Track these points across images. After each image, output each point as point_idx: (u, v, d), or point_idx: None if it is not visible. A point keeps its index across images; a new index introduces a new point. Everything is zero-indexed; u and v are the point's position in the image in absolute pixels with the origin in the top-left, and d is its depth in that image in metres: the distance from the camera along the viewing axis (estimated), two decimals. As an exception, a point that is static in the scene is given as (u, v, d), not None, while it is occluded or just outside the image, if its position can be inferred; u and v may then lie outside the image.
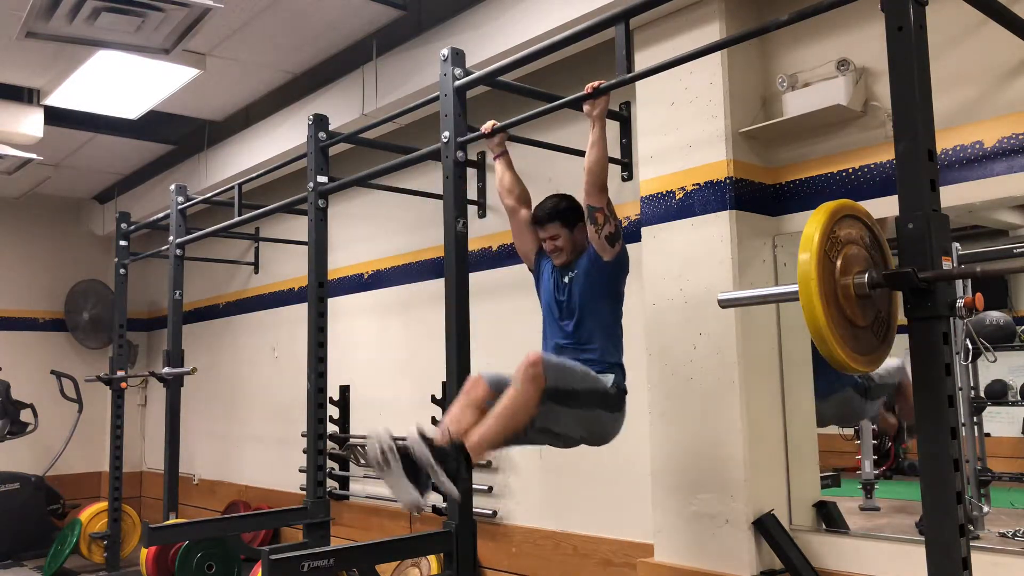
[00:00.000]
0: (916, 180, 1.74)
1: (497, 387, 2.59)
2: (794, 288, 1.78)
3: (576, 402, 2.64)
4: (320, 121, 3.98)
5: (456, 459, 2.41)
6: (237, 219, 4.64)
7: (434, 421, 4.41)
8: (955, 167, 2.71)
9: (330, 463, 5.13)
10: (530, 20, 3.58)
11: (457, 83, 3.10)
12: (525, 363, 2.51)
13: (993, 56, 2.65)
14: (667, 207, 3.29)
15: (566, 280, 2.95)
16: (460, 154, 3.09)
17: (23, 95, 5.14)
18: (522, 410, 2.50)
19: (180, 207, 5.18)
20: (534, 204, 3.10)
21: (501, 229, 4.24)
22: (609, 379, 2.79)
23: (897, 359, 3.58)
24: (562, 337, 2.94)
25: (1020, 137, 2.59)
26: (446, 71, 3.11)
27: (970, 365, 3.86)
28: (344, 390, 5.37)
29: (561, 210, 2.97)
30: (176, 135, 6.29)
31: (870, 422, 3.93)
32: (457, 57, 3.13)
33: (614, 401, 2.79)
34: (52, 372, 6.92)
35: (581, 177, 2.85)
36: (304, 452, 4.08)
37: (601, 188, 2.78)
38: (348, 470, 5.30)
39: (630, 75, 2.63)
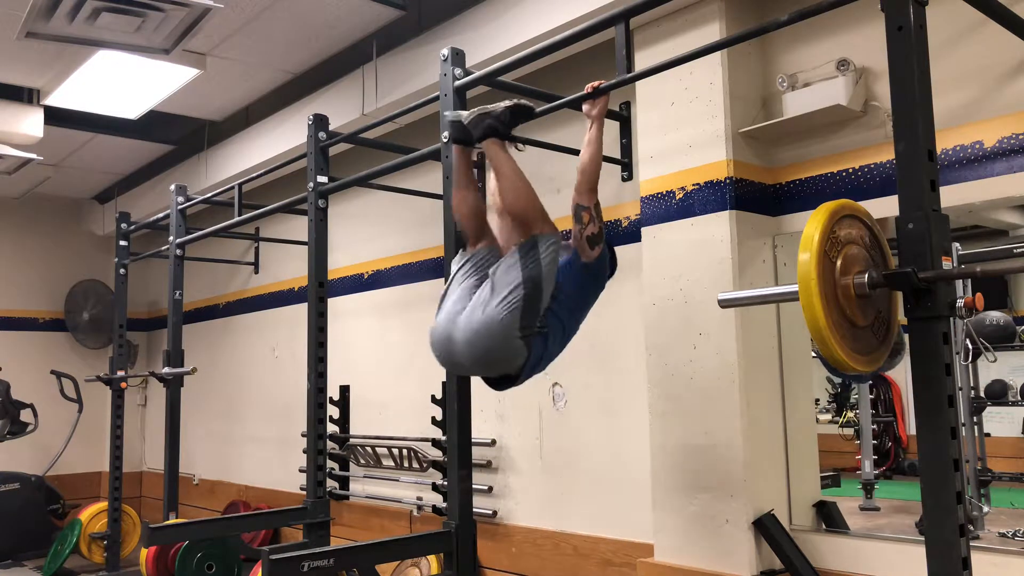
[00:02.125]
0: (916, 180, 1.74)
1: None
2: (794, 288, 1.78)
3: (527, 269, 2.50)
4: (320, 121, 3.98)
5: (501, 122, 2.67)
6: (237, 219, 4.64)
7: (434, 421, 4.42)
8: (955, 167, 2.71)
9: (330, 463, 5.13)
10: (530, 20, 3.58)
11: (457, 83, 3.10)
12: (553, 224, 2.63)
13: (993, 56, 2.65)
14: (667, 207, 3.29)
15: None
16: (460, 154, 3.09)
17: (23, 95, 5.14)
18: (521, 199, 2.63)
19: (180, 207, 5.18)
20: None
21: (501, 229, 4.24)
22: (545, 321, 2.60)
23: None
24: None
25: (1020, 137, 2.59)
26: (446, 71, 3.11)
27: (970, 365, 3.87)
28: (344, 390, 5.37)
29: None
30: (176, 135, 6.29)
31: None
32: (457, 57, 3.13)
33: (533, 327, 2.51)
34: (52, 372, 6.92)
35: (574, 176, 2.83)
36: (304, 452, 4.08)
37: (592, 188, 2.76)
38: (348, 470, 5.30)
39: (630, 75, 2.63)
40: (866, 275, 1.82)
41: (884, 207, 2.70)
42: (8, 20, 3.98)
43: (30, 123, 5.15)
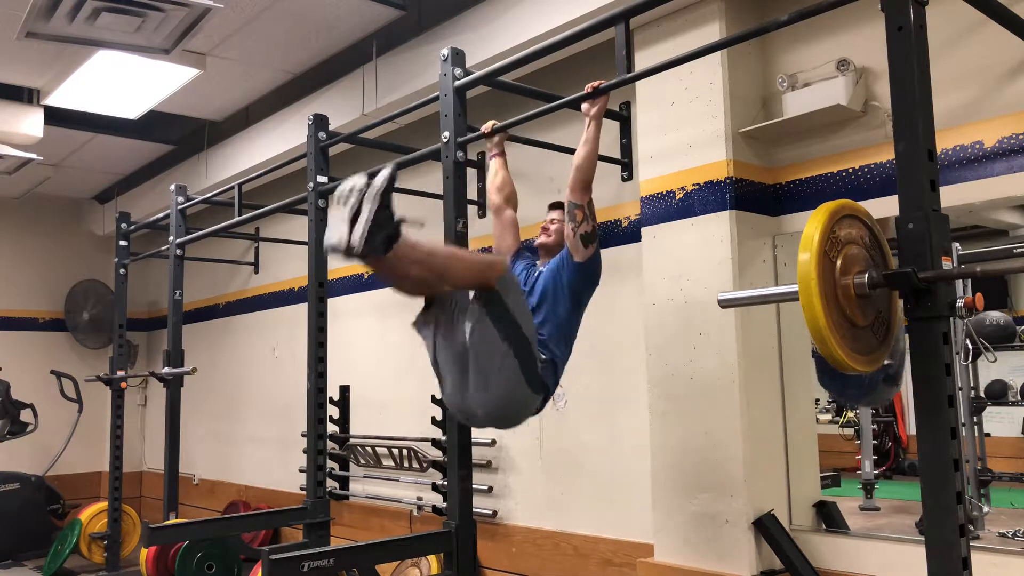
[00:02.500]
0: (916, 180, 1.74)
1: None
2: (794, 288, 1.78)
3: (503, 328, 2.37)
4: (320, 121, 3.98)
5: (389, 223, 2.16)
6: (237, 219, 4.64)
7: (434, 421, 4.42)
8: (955, 167, 2.71)
9: (330, 463, 5.13)
10: (530, 20, 3.58)
11: (457, 83, 3.10)
12: (494, 257, 2.52)
13: (993, 56, 2.65)
14: (667, 207, 3.29)
15: (534, 276, 2.93)
16: (460, 154, 3.09)
17: (23, 95, 5.14)
18: (456, 269, 2.35)
19: (180, 207, 5.18)
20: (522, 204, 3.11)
21: (501, 229, 4.24)
22: (542, 354, 2.60)
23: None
24: None
25: (1020, 137, 2.59)
26: (446, 71, 3.11)
27: (970, 365, 3.86)
28: (344, 390, 5.37)
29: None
30: (176, 135, 6.29)
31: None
32: (457, 57, 3.13)
33: (537, 373, 2.50)
34: (52, 372, 6.92)
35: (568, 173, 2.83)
36: (304, 452, 4.08)
37: (585, 186, 2.76)
38: (348, 470, 5.30)
39: (630, 75, 2.63)
40: (866, 275, 1.82)
41: (884, 207, 2.70)
42: (8, 20, 3.98)
43: (30, 123, 5.15)
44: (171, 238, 5.17)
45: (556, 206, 3.00)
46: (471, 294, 2.42)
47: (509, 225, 3.09)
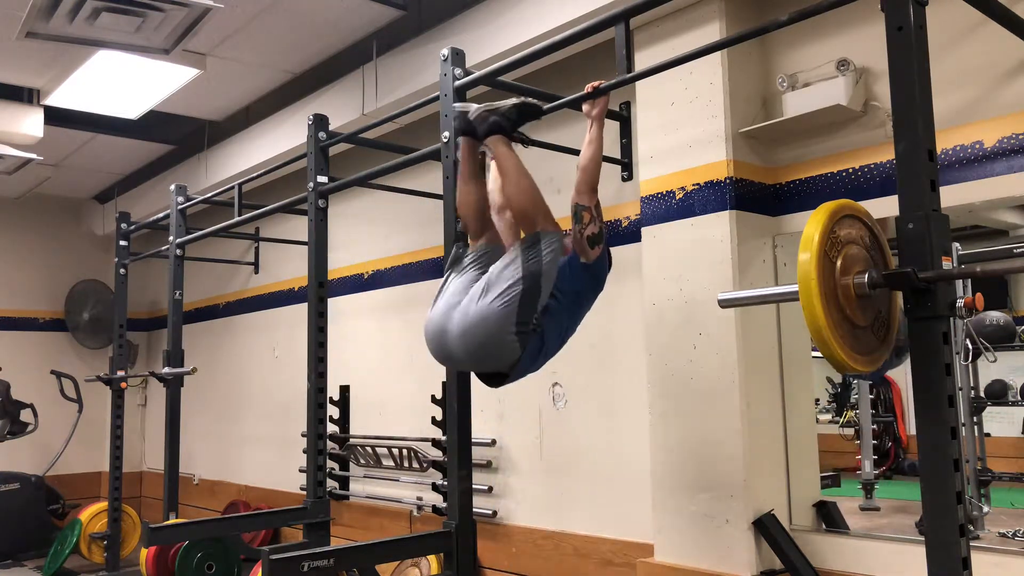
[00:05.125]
0: (916, 180, 1.74)
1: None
2: (794, 288, 1.78)
3: (528, 265, 2.51)
4: (320, 121, 3.97)
5: (507, 120, 2.68)
6: (237, 219, 4.64)
7: (434, 421, 4.42)
8: (955, 167, 2.71)
9: (330, 463, 5.13)
10: (530, 20, 3.58)
11: (457, 83, 3.10)
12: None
13: (993, 56, 2.65)
14: (667, 207, 3.29)
15: None
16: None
17: (23, 95, 5.14)
18: (532, 193, 2.64)
19: (180, 207, 5.18)
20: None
21: (501, 229, 4.24)
22: (535, 324, 2.55)
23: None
24: None
25: (1020, 137, 2.59)
26: (446, 71, 3.11)
27: (970, 365, 3.87)
28: (344, 390, 5.37)
29: None
30: (176, 135, 6.29)
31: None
32: (457, 57, 3.13)
33: (529, 323, 2.50)
34: (52, 372, 6.92)
35: (574, 176, 2.83)
36: (304, 452, 4.08)
37: (592, 187, 2.76)
38: (348, 470, 5.30)
39: (630, 75, 2.63)
40: (866, 275, 1.82)
41: (884, 207, 2.70)
42: (8, 20, 3.98)
43: (30, 123, 5.15)
44: (171, 238, 5.17)
45: None
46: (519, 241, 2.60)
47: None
